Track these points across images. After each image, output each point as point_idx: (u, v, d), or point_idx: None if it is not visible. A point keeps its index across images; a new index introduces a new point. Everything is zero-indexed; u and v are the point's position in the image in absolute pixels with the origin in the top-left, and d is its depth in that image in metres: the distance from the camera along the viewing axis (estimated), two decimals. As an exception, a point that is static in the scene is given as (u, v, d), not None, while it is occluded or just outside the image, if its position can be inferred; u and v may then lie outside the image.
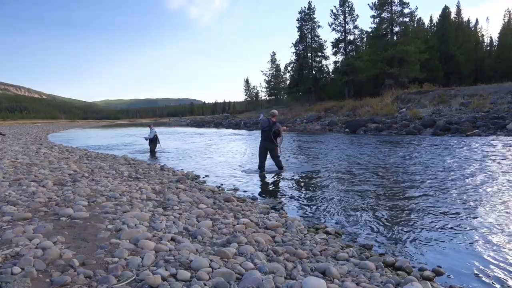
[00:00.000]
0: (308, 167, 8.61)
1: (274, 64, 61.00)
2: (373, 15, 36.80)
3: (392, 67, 33.34)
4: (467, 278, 2.79)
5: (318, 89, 44.42)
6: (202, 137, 21.77)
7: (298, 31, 45.21)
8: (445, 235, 3.71)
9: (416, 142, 13.21)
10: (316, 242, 3.43)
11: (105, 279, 2.14)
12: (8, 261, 2.34)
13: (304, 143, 15.11)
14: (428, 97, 23.97)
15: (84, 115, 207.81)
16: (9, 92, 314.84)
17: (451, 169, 7.40)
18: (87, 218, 3.49)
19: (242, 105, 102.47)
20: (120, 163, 8.96)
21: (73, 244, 2.76)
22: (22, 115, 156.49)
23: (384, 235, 3.81)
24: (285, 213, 4.64)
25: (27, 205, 3.81)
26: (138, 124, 64.70)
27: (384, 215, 4.46)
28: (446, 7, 42.59)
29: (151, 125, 14.10)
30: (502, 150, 9.75)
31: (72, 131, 43.03)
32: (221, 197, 5.18)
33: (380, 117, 22.28)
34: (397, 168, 7.85)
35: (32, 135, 26.52)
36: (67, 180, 5.63)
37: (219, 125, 39.90)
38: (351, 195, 5.57)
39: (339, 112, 29.86)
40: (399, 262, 2.97)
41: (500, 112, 17.19)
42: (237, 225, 3.73)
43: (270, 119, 7.83)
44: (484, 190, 5.51)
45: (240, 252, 2.90)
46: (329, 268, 2.62)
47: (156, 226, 3.41)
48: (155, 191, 5.31)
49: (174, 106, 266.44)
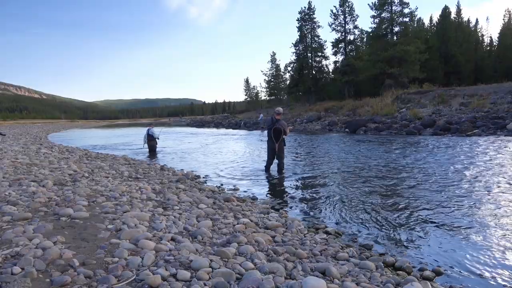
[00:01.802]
0: (308, 167, 8.60)
1: (274, 64, 61.06)
2: (373, 15, 36.83)
3: (392, 67, 33.34)
4: (467, 278, 2.79)
5: (318, 89, 44.41)
6: (202, 137, 21.76)
7: (298, 31, 45.24)
8: (445, 235, 3.71)
9: (416, 142, 13.21)
10: (316, 242, 3.43)
11: (105, 279, 2.14)
12: (8, 261, 2.34)
13: (304, 143, 15.11)
14: (428, 97, 23.97)
15: (84, 115, 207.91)
16: (9, 92, 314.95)
17: (451, 169, 7.40)
18: (87, 218, 3.49)
19: (242, 105, 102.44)
20: (120, 163, 8.96)
21: (73, 244, 2.75)
22: (22, 115, 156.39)
23: (384, 235, 3.81)
24: (285, 213, 4.64)
25: (27, 205, 3.81)
26: (138, 124, 64.69)
27: (384, 215, 4.46)
28: (446, 7, 42.65)
29: (151, 125, 14.14)
30: (502, 150, 9.75)
31: (72, 131, 43.03)
32: (221, 197, 5.18)
33: (380, 117, 22.27)
34: (397, 168, 7.85)
35: (32, 135, 26.52)
36: (67, 180, 5.63)
37: (219, 125, 39.90)
38: (351, 195, 5.57)
39: (339, 112, 29.86)
40: (399, 262, 2.97)
41: (500, 112, 17.19)
42: (237, 225, 3.73)
43: (274, 117, 7.60)
44: (484, 190, 5.50)
45: (240, 252, 2.90)
46: (329, 268, 2.62)
47: (156, 226, 3.41)
48: (155, 191, 5.31)
49: (174, 106, 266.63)
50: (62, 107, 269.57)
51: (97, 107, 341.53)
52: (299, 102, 45.83)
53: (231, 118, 51.44)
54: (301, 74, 45.13)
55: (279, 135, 7.44)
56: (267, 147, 7.82)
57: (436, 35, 41.82)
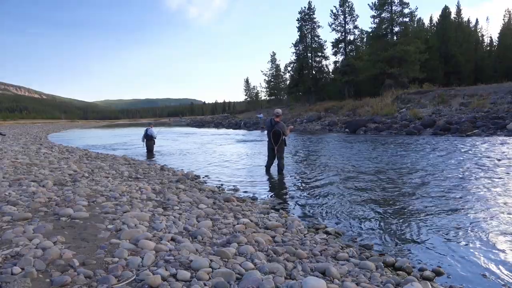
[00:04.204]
0: (308, 167, 8.60)
1: (274, 64, 61.10)
2: (373, 15, 36.85)
3: (392, 67, 33.36)
4: (467, 278, 2.79)
5: (318, 89, 44.42)
6: (202, 137, 21.76)
7: (298, 31, 45.27)
8: (445, 235, 3.71)
9: (416, 142, 13.20)
10: (316, 242, 3.43)
11: (105, 279, 2.14)
12: (8, 261, 2.34)
13: (304, 144, 15.11)
14: (428, 97, 23.97)
15: (84, 115, 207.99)
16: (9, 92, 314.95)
17: (451, 169, 7.40)
18: (87, 218, 3.49)
19: (242, 105, 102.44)
20: (120, 163, 8.96)
21: (73, 244, 2.75)
22: (22, 115, 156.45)
23: (384, 235, 3.81)
24: (285, 213, 4.63)
25: (27, 205, 3.81)
26: (139, 124, 64.68)
27: (384, 215, 4.46)
28: (446, 7, 42.65)
29: (151, 125, 14.14)
30: (502, 150, 9.75)
31: (72, 131, 43.02)
32: (221, 197, 5.18)
33: (380, 117, 22.28)
34: (397, 168, 7.85)
35: (32, 135, 26.51)
36: (67, 180, 5.63)
37: (219, 125, 39.90)
38: (351, 195, 5.57)
39: (339, 112, 29.87)
40: (399, 262, 2.97)
41: (500, 112, 17.19)
42: (237, 225, 3.73)
43: (273, 119, 7.59)
44: (484, 190, 5.50)
45: (240, 252, 2.90)
46: (329, 268, 2.62)
47: (156, 226, 3.41)
48: (155, 191, 5.31)
49: (174, 106, 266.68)
50: (62, 107, 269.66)
51: (97, 107, 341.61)
52: (299, 102, 45.83)
53: (231, 118, 51.44)
54: (301, 74, 45.15)
55: (278, 137, 7.41)
56: (267, 147, 7.83)
57: (436, 35, 41.82)
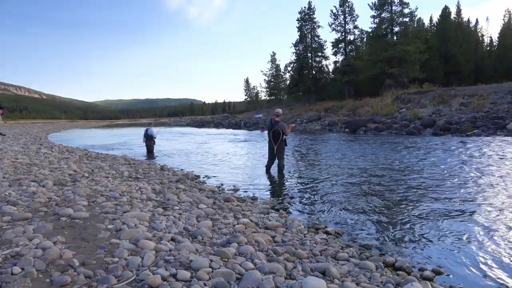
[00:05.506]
0: (308, 167, 8.61)
1: (274, 64, 61.10)
2: (373, 15, 36.86)
3: (392, 67, 33.36)
4: (467, 278, 2.79)
5: (318, 89, 44.42)
6: (202, 137, 21.76)
7: (298, 31, 45.27)
8: (445, 235, 3.71)
9: (416, 142, 13.20)
10: (316, 242, 3.43)
11: (105, 279, 2.14)
12: (8, 261, 2.34)
13: (304, 144, 15.11)
14: (428, 97, 23.97)
15: (84, 115, 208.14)
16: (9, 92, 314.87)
17: (451, 169, 7.40)
18: (87, 218, 3.48)
19: (242, 105, 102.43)
20: (120, 163, 8.95)
21: (73, 244, 2.75)
22: (22, 115, 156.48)
23: (384, 235, 3.81)
24: (285, 213, 4.64)
25: (27, 205, 3.81)
26: (139, 124, 64.68)
27: (384, 215, 4.46)
28: (446, 7, 42.66)
29: (151, 124, 14.12)
30: (502, 150, 9.75)
31: (72, 131, 43.02)
32: (221, 197, 5.18)
33: (380, 117, 22.29)
34: (397, 168, 7.85)
35: (32, 135, 26.51)
36: (67, 180, 5.63)
37: (219, 125, 39.90)
38: (351, 195, 5.57)
39: (339, 112, 29.87)
40: (399, 262, 2.97)
41: (500, 112, 17.19)
42: (237, 225, 3.73)
43: (273, 119, 7.62)
44: (484, 190, 5.51)
45: (240, 252, 2.90)
46: (329, 268, 2.62)
47: (156, 226, 3.41)
48: (155, 191, 5.31)
49: (174, 106, 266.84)
50: (62, 107, 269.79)
51: (97, 107, 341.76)
52: (299, 102, 45.84)
53: (231, 118, 51.44)
54: (301, 74, 45.15)
55: (277, 137, 7.44)
56: (268, 147, 7.84)
57: (436, 35, 41.82)
